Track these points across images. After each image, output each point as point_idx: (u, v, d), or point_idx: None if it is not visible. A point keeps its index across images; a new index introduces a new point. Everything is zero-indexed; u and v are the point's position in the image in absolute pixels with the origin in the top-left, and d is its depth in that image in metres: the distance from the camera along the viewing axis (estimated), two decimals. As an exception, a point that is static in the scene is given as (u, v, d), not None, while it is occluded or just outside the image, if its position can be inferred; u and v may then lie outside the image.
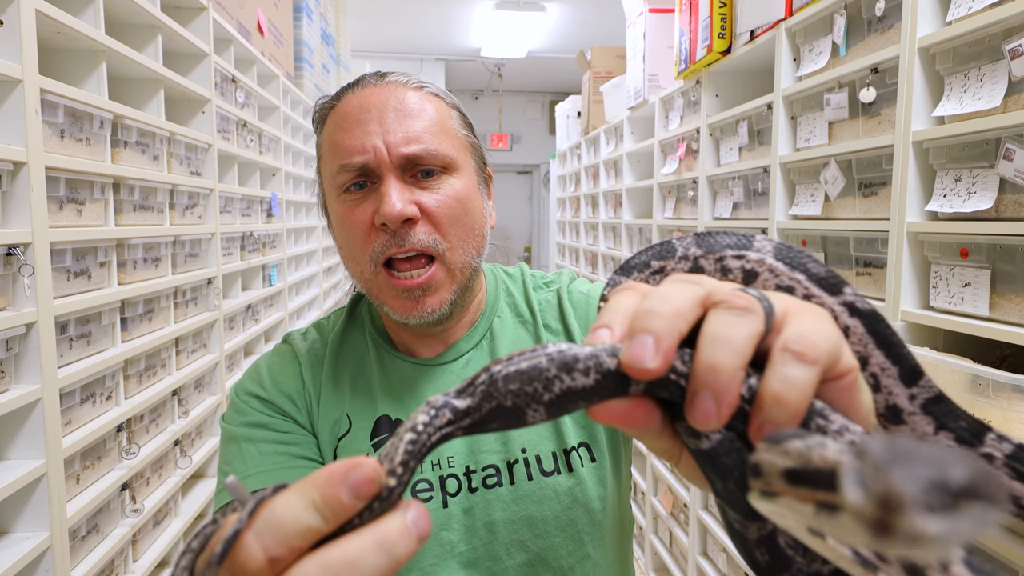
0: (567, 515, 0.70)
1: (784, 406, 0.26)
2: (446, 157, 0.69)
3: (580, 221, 4.12)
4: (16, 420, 1.06)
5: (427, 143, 0.68)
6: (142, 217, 1.47)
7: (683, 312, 0.27)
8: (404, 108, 0.69)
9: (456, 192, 0.69)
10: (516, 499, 0.70)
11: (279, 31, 2.74)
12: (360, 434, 0.72)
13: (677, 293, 0.28)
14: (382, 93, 0.70)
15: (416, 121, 0.69)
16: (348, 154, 0.68)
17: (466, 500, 0.70)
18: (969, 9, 1.07)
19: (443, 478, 0.70)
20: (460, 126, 0.74)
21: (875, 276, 1.33)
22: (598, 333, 0.29)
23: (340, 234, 0.72)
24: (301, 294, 3.09)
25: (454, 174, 0.70)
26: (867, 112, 1.34)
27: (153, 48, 1.54)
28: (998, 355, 1.13)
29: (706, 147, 2.10)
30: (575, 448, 0.72)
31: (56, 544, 1.08)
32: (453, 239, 0.69)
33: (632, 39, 2.79)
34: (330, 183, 0.71)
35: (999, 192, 1.01)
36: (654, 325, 0.27)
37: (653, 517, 2.61)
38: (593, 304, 0.80)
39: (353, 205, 0.69)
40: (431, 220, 0.68)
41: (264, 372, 0.76)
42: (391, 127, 0.67)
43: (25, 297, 1.04)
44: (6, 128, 1.02)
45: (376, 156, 0.67)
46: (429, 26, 5.73)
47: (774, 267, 0.34)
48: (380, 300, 0.71)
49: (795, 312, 0.29)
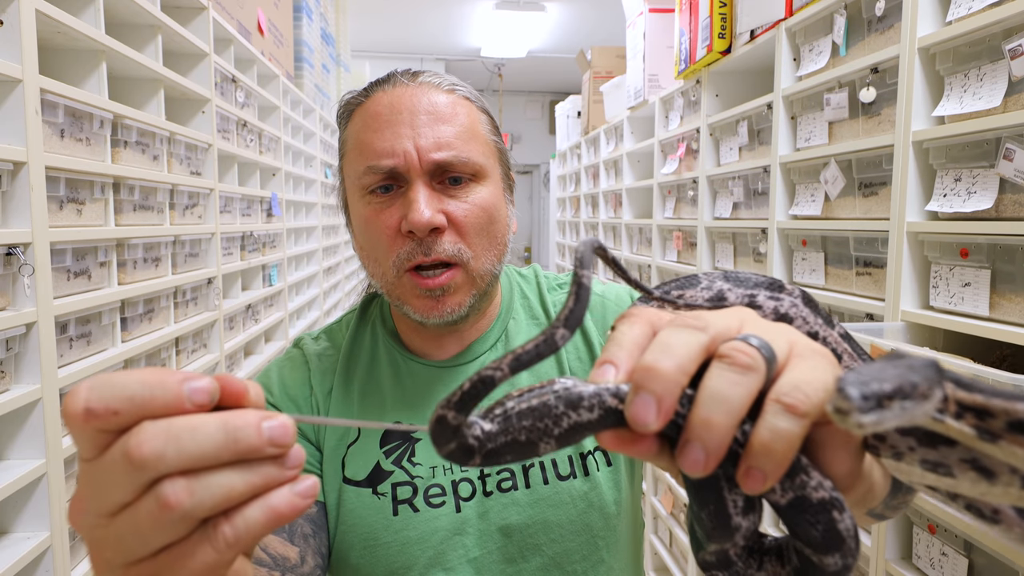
0: (582, 519, 0.70)
1: (771, 455, 0.27)
2: (475, 164, 0.68)
3: (580, 221, 4.12)
4: (16, 420, 1.06)
5: (458, 150, 0.67)
6: (142, 217, 1.47)
7: (686, 367, 0.28)
8: (436, 111, 0.67)
9: (483, 201, 0.69)
10: (532, 503, 0.69)
11: (279, 31, 2.74)
12: (370, 442, 0.71)
13: (681, 343, 0.29)
14: (414, 94, 0.68)
15: (448, 126, 0.67)
16: (377, 156, 0.66)
17: (481, 504, 0.69)
18: (969, 9, 1.07)
19: (455, 482, 0.70)
20: (489, 131, 0.73)
21: (875, 276, 1.33)
22: (603, 369, 0.30)
23: (364, 236, 0.71)
24: (301, 294, 3.09)
25: (482, 182, 0.70)
26: (867, 112, 1.34)
27: (153, 48, 1.54)
28: (998, 355, 1.13)
29: (706, 147, 2.10)
30: (591, 452, 0.72)
31: (56, 544, 1.08)
32: (478, 248, 0.69)
33: (632, 39, 2.79)
34: (354, 183, 0.70)
35: (999, 192, 1.01)
36: (656, 387, 0.28)
37: (653, 517, 2.61)
38: (609, 306, 0.80)
39: (379, 208, 0.67)
40: (457, 229, 0.67)
41: (274, 376, 0.76)
42: (422, 131, 0.66)
43: (25, 297, 1.04)
44: (6, 128, 1.02)
45: (406, 161, 0.66)
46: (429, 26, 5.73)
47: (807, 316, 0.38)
48: (402, 301, 0.70)
49: (796, 356, 0.30)
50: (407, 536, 0.68)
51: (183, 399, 0.28)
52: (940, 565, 1.12)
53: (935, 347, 1.16)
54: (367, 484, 0.69)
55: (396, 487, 0.69)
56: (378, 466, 0.70)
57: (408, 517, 0.68)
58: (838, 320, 0.38)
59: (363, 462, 0.71)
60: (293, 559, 0.63)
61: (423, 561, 0.67)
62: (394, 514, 0.68)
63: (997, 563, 1.02)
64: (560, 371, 0.76)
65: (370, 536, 0.68)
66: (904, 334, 1.18)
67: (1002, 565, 1.01)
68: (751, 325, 0.32)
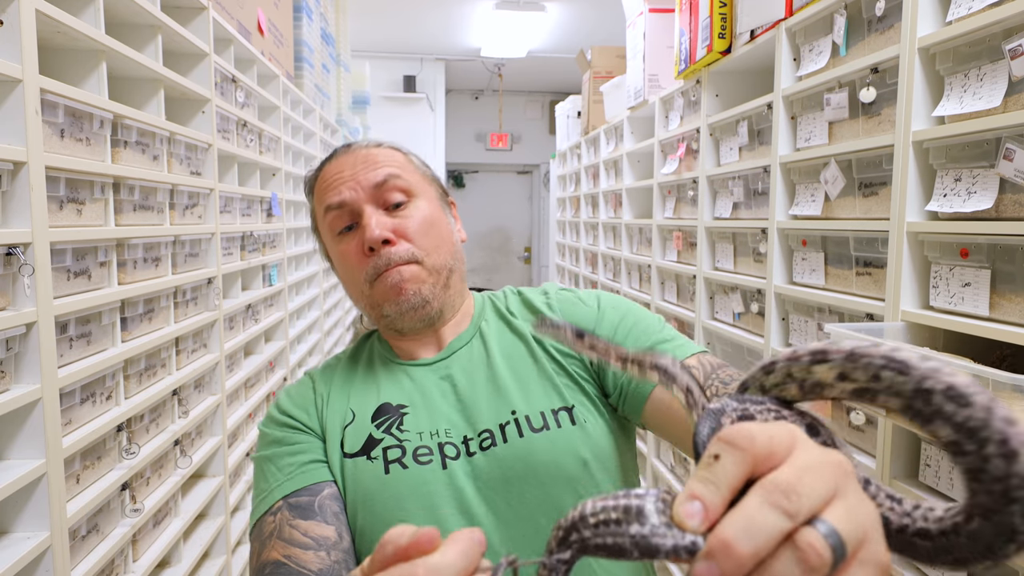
0: (557, 465, 0.77)
1: None
2: (407, 181, 0.85)
3: (580, 221, 4.12)
4: (16, 420, 1.06)
5: (389, 170, 0.84)
6: (142, 217, 1.47)
7: (761, 555, 0.28)
8: (369, 158, 0.86)
9: (423, 212, 0.85)
10: (510, 455, 0.77)
11: (279, 31, 2.74)
12: (362, 420, 0.82)
13: (766, 529, 0.28)
14: (351, 155, 0.87)
15: (381, 163, 0.85)
16: (331, 198, 0.84)
17: (466, 463, 0.78)
18: (969, 9, 1.07)
19: (441, 444, 0.79)
20: (420, 165, 0.91)
21: (875, 276, 1.33)
22: (690, 509, 0.30)
23: (341, 267, 0.87)
24: (301, 294, 3.09)
25: (418, 199, 0.86)
26: (867, 112, 1.34)
27: (153, 48, 1.54)
28: (998, 355, 1.13)
29: (706, 147, 2.10)
30: (560, 410, 0.80)
31: (56, 544, 1.08)
32: (427, 247, 0.84)
33: (632, 39, 2.79)
34: (327, 232, 0.87)
35: (999, 192, 1.01)
36: (727, 566, 0.28)
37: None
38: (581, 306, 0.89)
39: (347, 242, 0.84)
40: (406, 238, 0.82)
41: (282, 395, 0.89)
42: (360, 171, 0.84)
43: (25, 297, 1.04)
44: (6, 128, 1.02)
45: (354, 192, 0.83)
46: (429, 26, 5.73)
47: None
48: (379, 304, 0.83)
49: (857, 562, 0.29)
50: (399, 491, 0.76)
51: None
52: (940, 565, 1.12)
53: (935, 347, 1.16)
54: (361, 453, 0.80)
55: (386, 450, 0.78)
56: (370, 437, 0.80)
57: (399, 474, 0.77)
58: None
59: (358, 437, 0.81)
60: (332, 537, 0.72)
61: (418, 514, 0.75)
62: (386, 472, 0.77)
63: (1004, 568, 1.02)
64: (534, 360, 0.84)
65: (367, 497, 0.76)
66: (904, 334, 1.18)
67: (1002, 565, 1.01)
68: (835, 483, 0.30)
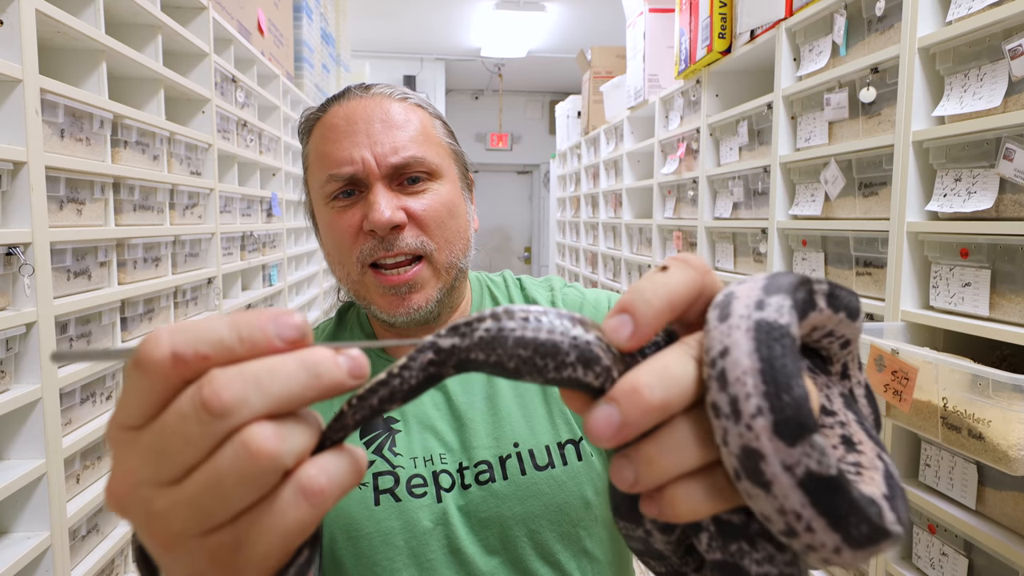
0: (561, 508, 0.70)
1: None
2: (431, 164, 0.72)
3: (580, 221, 4.12)
4: (16, 420, 1.06)
5: (413, 152, 0.70)
6: (142, 217, 1.47)
7: (671, 408, 0.26)
8: (390, 119, 0.71)
9: (441, 197, 0.72)
10: (510, 494, 0.70)
11: (279, 31, 2.74)
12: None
13: (679, 378, 0.26)
14: (368, 105, 0.72)
15: (402, 131, 0.71)
16: (336, 164, 0.70)
17: (460, 496, 0.70)
18: (969, 9, 1.07)
19: (436, 473, 0.71)
20: (444, 135, 0.77)
21: (875, 276, 1.33)
22: (620, 322, 0.27)
23: (328, 239, 0.74)
24: (301, 294, 3.09)
25: (439, 180, 0.73)
26: (867, 112, 1.34)
27: (153, 48, 1.54)
28: (998, 355, 1.13)
29: (706, 147, 2.10)
30: (566, 444, 0.73)
31: (56, 544, 1.08)
32: (440, 240, 0.71)
33: (632, 39, 2.79)
34: (318, 192, 0.73)
35: (999, 192, 1.01)
36: (631, 415, 0.25)
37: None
38: (588, 307, 0.81)
39: (341, 211, 0.71)
40: (418, 224, 0.70)
41: None
42: (378, 138, 0.70)
43: (25, 297, 1.04)
44: (6, 128, 1.02)
45: (364, 167, 0.69)
46: (429, 26, 5.73)
47: None
48: (367, 300, 0.72)
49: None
50: (389, 526, 0.68)
51: (273, 340, 0.26)
52: (940, 565, 1.12)
53: (935, 347, 1.16)
54: None
55: (377, 477, 0.70)
56: None
57: (390, 507, 0.69)
58: None
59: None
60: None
61: (405, 552, 0.68)
62: (375, 504, 0.69)
63: (997, 563, 1.02)
64: None
65: (351, 527, 0.68)
66: (904, 334, 1.18)
67: (1002, 565, 1.01)
68: None
